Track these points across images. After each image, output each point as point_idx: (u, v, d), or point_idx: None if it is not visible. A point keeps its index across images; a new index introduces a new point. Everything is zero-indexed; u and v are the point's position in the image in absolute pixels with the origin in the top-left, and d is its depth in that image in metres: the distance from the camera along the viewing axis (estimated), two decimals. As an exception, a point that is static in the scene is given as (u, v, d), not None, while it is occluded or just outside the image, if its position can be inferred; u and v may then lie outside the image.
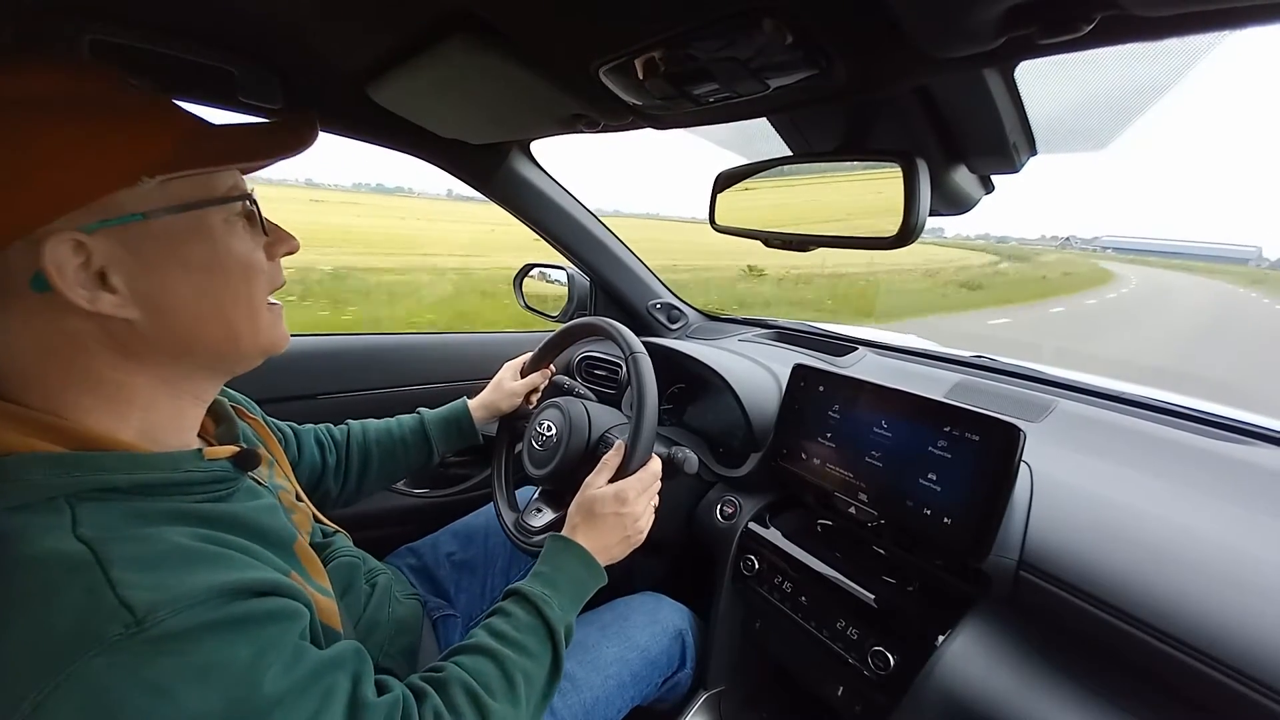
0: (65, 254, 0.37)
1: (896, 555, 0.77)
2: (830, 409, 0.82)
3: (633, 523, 0.69)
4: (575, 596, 0.61)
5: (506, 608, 0.57)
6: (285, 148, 0.45)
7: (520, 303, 1.48)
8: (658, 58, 0.53)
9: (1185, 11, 0.34)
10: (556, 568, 0.62)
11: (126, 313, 0.40)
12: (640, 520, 0.70)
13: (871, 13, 0.41)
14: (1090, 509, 0.64)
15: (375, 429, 0.88)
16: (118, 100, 0.40)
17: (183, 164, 0.40)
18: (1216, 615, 0.50)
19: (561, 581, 0.60)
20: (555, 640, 0.55)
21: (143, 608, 0.32)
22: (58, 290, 0.37)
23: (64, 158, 0.36)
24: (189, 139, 0.41)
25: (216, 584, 0.36)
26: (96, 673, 0.31)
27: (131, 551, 0.35)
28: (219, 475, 0.45)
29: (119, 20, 0.62)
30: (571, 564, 0.63)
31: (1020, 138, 0.57)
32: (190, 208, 0.42)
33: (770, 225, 0.73)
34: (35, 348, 0.39)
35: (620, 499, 0.68)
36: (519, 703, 0.50)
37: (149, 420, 0.43)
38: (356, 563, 0.69)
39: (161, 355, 0.43)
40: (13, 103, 0.36)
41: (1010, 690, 0.56)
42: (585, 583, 0.63)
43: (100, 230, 0.38)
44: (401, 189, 17.62)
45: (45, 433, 0.38)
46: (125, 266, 0.39)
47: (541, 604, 0.56)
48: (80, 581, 0.32)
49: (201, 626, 0.34)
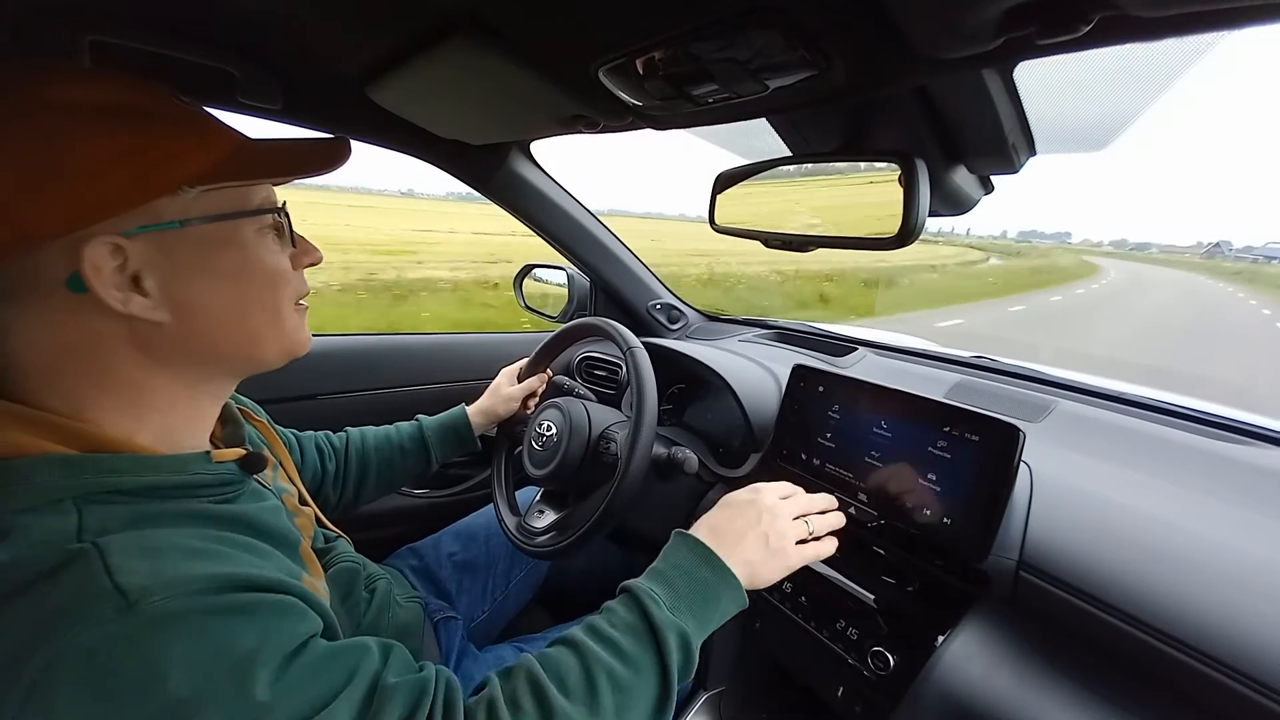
0: (103, 256, 0.38)
1: (896, 555, 0.77)
2: (830, 409, 0.82)
3: (770, 518, 0.57)
4: (698, 600, 0.50)
5: (610, 604, 0.50)
6: (319, 164, 0.46)
7: (520, 303, 1.49)
8: (657, 58, 0.53)
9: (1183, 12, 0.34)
10: (673, 564, 0.52)
11: (157, 315, 0.41)
12: (780, 519, 0.58)
13: (871, 14, 0.41)
14: (1090, 509, 0.64)
15: (374, 436, 0.88)
16: (166, 112, 0.41)
17: (222, 176, 0.42)
18: (1216, 615, 0.50)
19: (678, 580, 0.51)
20: (661, 644, 0.46)
21: (135, 591, 0.32)
22: (93, 291, 0.38)
23: (111, 164, 0.37)
24: (231, 153, 0.43)
25: (220, 575, 0.35)
26: (89, 644, 0.31)
27: (133, 543, 0.35)
28: (226, 478, 0.45)
29: (120, 21, 0.63)
30: (692, 562, 0.53)
31: (1019, 138, 0.57)
32: (225, 218, 0.44)
33: (770, 226, 0.73)
34: (59, 347, 0.39)
35: (755, 489, 0.60)
36: (600, 709, 0.42)
37: (167, 422, 0.44)
38: (356, 569, 0.69)
39: (185, 358, 0.44)
40: (70, 108, 0.37)
41: (1010, 690, 0.56)
42: (712, 587, 0.51)
43: (139, 235, 0.39)
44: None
45: (58, 435, 0.38)
46: (159, 271, 0.40)
47: (646, 599, 0.48)
48: (78, 568, 0.33)
49: (198, 610, 0.33)
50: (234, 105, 0.77)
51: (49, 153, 0.36)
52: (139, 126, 0.39)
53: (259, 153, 0.45)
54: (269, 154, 0.45)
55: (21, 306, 0.38)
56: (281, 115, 0.84)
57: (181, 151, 0.40)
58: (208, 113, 0.45)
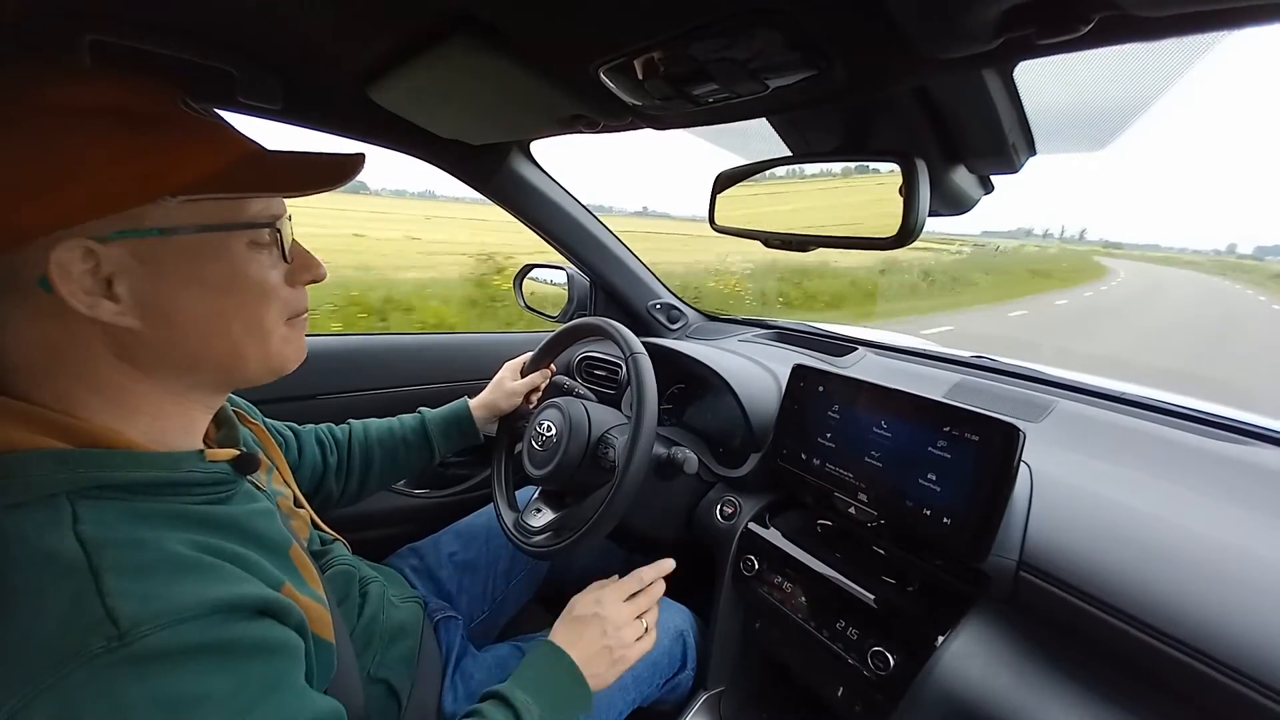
0: (73, 259, 0.37)
1: (896, 555, 0.77)
2: (830, 409, 0.82)
3: (614, 630, 0.63)
4: (562, 715, 0.57)
5: (486, 711, 0.53)
6: (324, 182, 0.45)
7: (520, 303, 1.49)
8: (657, 58, 0.53)
9: (1183, 12, 0.34)
10: (544, 676, 0.58)
11: (125, 321, 0.40)
12: (623, 629, 0.64)
13: (870, 13, 0.41)
14: (1090, 509, 0.64)
15: (377, 428, 0.88)
16: (164, 119, 0.40)
17: (209, 188, 0.40)
18: (1216, 615, 0.50)
19: (547, 693, 0.56)
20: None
21: (127, 620, 0.32)
22: (57, 292, 0.37)
23: (87, 170, 0.37)
24: (228, 164, 0.42)
25: (207, 600, 0.35)
26: (72, 688, 0.31)
27: (125, 558, 0.35)
28: (218, 478, 0.45)
29: (119, 21, 0.62)
30: (559, 677, 0.59)
31: (1019, 138, 0.57)
32: (212, 229, 0.42)
33: (770, 225, 0.73)
34: (44, 345, 0.39)
35: (598, 601, 0.65)
36: None
37: (157, 425, 0.44)
38: (352, 572, 0.69)
39: (166, 366, 0.43)
40: (56, 111, 0.37)
41: (1010, 690, 0.56)
42: (574, 701, 0.58)
43: (115, 240, 0.38)
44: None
45: (52, 430, 0.38)
46: (134, 277, 0.40)
47: (525, 712, 0.53)
48: (69, 587, 0.33)
49: (183, 650, 0.34)
50: (234, 105, 0.76)
51: (22, 155, 0.36)
52: (127, 133, 0.38)
53: (257, 166, 0.43)
54: (270, 167, 0.44)
55: (8, 304, 0.38)
56: (281, 115, 0.84)
57: (166, 159, 0.39)
58: (219, 120, 0.44)
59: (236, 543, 0.42)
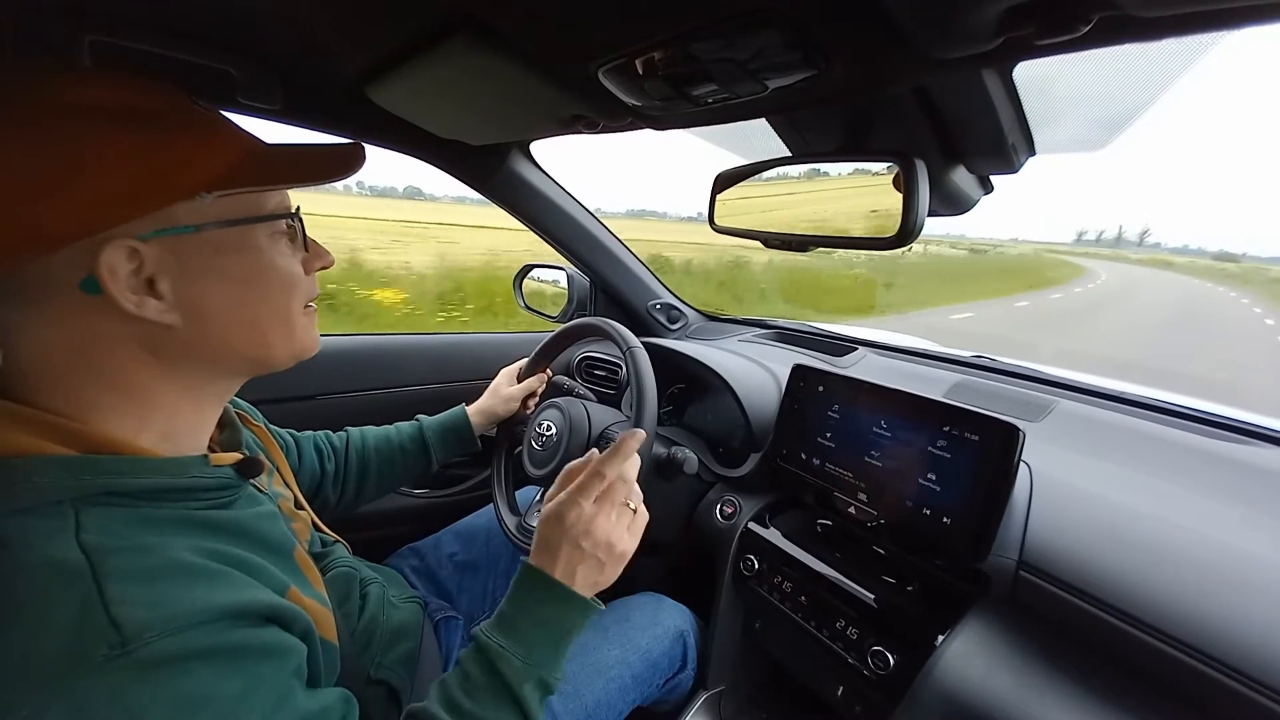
0: (120, 259, 0.38)
1: (896, 555, 0.77)
2: (830, 409, 0.82)
3: (585, 531, 0.54)
4: (548, 640, 0.51)
5: (465, 662, 0.50)
6: (335, 171, 0.47)
7: (520, 303, 1.49)
8: (657, 59, 0.53)
9: (1183, 12, 0.34)
10: (519, 608, 0.53)
11: (169, 319, 0.41)
12: (604, 529, 0.55)
13: (870, 14, 0.41)
14: (1090, 509, 0.64)
15: (374, 436, 0.88)
16: (185, 117, 0.41)
17: (238, 182, 0.42)
18: (1216, 615, 0.50)
19: (524, 625, 0.51)
20: (519, 699, 0.48)
21: (132, 627, 0.32)
22: (108, 294, 0.38)
23: (132, 167, 0.37)
24: (247, 158, 0.43)
25: (214, 605, 0.36)
26: (79, 695, 0.31)
27: (130, 564, 0.35)
28: (223, 482, 0.45)
29: (119, 21, 0.63)
30: (536, 600, 0.53)
31: (1019, 138, 0.57)
32: (239, 223, 0.44)
33: (769, 225, 0.73)
34: (67, 349, 0.39)
35: (559, 517, 0.55)
36: None
37: (170, 424, 0.44)
38: (353, 573, 0.69)
39: (194, 360, 0.44)
40: (89, 111, 0.37)
41: (1010, 690, 0.56)
42: (559, 619, 0.52)
43: (154, 239, 0.39)
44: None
45: (58, 436, 0.38)
46: (173, 274, 0.40)
47: (498, 660, 0.49)
48: (75, 595, 0.32)
49: (190, 654, 0.34)
50: (233, 105, 0.77)
51: (65, 157, 0.36)
52: (159, 130, 0.39)
53: (275, 159, 0.45)
54: (285, 160, 0.45)
55: (33, 308, 0.38)
56: (281, 115, 0.84)
57: (198, 156, 0.40)
58: (222, 116, 0.44)
59: (242, 547, 0.42)
